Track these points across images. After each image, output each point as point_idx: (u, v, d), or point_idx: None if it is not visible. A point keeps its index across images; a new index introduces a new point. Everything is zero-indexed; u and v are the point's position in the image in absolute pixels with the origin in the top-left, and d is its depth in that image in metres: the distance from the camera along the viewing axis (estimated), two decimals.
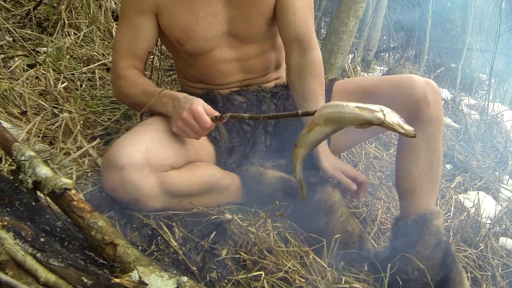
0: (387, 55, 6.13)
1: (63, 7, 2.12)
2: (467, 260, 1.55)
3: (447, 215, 1.85)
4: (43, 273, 0.67)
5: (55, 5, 2.23)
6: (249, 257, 1.08)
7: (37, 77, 1.72)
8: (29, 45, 1.91)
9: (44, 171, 0.85)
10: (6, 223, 0.72)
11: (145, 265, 0.73)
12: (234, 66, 1.34)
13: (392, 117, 0.77)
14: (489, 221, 1.88)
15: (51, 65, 1.80)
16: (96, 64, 1.96)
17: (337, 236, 1.18)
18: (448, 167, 2.52)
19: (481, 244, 1.65)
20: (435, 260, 1.20)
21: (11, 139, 0.91)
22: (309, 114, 0.90)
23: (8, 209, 0.83)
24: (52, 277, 0.67)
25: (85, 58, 1.99)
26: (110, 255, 0.77)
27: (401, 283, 1.19)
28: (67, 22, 2.11)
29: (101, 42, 2.21)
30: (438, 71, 4.86)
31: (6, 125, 1.29)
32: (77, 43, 2.09)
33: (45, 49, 1.89)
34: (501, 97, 7.33)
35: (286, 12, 1.27)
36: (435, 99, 1.22)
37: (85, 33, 2.17)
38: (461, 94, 4.30)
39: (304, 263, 1.15)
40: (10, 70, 1.71)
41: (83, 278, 0.69)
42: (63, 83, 1.72)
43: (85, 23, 2.21)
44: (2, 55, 1.78)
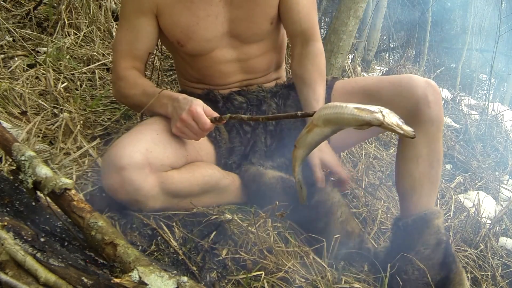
0: (387, 55, 6.14)
1: (63, 7, 2.12)
2: (467, 260, 1.54)
3: (447, 215, 1.85)
4: (43, 273, 0.67)
5: (55, 5, 2.23)
6: (249, 257, 1.08)
7: (37, 77, 1.72)
8: (29, 45, 1.91)
9: (44, 171, 0.85)
10: (6, 223, 0.72)
11: (145, 265, 0.73)
12: (234, 66, 1.34)
13: (391, 118, 0.77)
14: (489, 221, 1.88)
15: (51, 65, 1.80)
16: (96, 64, 1.96)
17: (337, 236, 1.18)
18: (448, 167, 2.51)
19: (481, 244, 1.65)
20: (435, 260, 1.20)
21: (11, 139, 0.91)
22: (308, 115, 0.90)
23: (8, 209, 0.83)
24: (52, 277, 0.67)
25: (85, 58, 1.99)
26: (110, 255, 0.77)
27: (401, 283, 1.19)
28: (67, 22, 2.11)
29: (101, 42, 2.21)
30: (438, 71, 4.86)
31: (6, 125, 1.29)
32: (77, 43, 2.09)
33: (45, 49, 1.89)
34: (501, 97, 7.32)
35: (291, 10, 1.29)
36: (435, 99, 1.22)
37: (85, 33, 2.17)
38: (461, 94, 4.29)
39: (304, 263, 1.15)
40: (10, 70, 1.71)
41: (83, 278, 0.69)
42: (63, 83, 1.72)
43: (85, 23, 2.21)
44: (2, 55, 1.78)
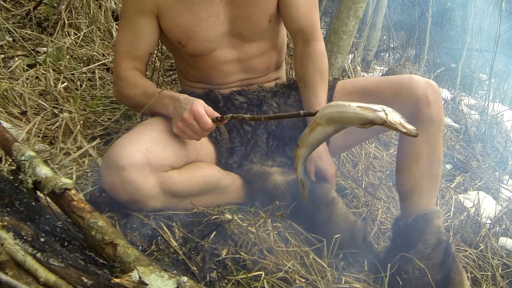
0: (387, 55, 6.14)
1: (63, 7, 2.12)
2: (467, 260, 1.54)
3: (447, 215, 1.85)
4: (43, 273, 0.67)
5: (55, 5, 2.23)
6: (249, 257, 1.08)
7: (37, 77, 1.72)
8: (29, 45, 1.91)
9: (44, 171, 0.85)
10: (6, 223, 0.72)
11: (145, 265, 0.73)
12: (235, 66, 1.34)
13: (394, 117, 0.77)
14: (489, 221, 1.88)
15: (51, 65, 1.80)
16: (96, 64, 1.96)
17: (337, 236, 1.18)
18: (448, 167, 2.51)
19: (481, 244, 1.65)
20: (436, 259, 1.20)
21: (11, 139, 0.91)
22: (310, 114, 0.90)
23: (8, 209, 0.83)
24: (52, 277, 0.67)
25: (85, 58, 1.99)
26: (110, 255, 0.77)
27: (401, 283, 1.19)
28: (67, 22, 2.11)
29: (101, 42, 2.21)
30: (438, 71, 4.86)
31: (6, 125, 1.29)
32: (77, 43, 2.09)
33: (45, 49, 1.89)
34: (501, 97, 7.32)
35: (289, 7, 1.29)
36: (435, 99, 1.22)
37: (85, 33, 2.17)
38: (461, 94, 4.30)
39: (304, 263, 1.15)
40: (10, 70, 1.71)
41: (83, 278, 0.69)
42: (63, 83, 1.72)
43: (85, 23, 2.21)
44: (2, 55, 1.78)
